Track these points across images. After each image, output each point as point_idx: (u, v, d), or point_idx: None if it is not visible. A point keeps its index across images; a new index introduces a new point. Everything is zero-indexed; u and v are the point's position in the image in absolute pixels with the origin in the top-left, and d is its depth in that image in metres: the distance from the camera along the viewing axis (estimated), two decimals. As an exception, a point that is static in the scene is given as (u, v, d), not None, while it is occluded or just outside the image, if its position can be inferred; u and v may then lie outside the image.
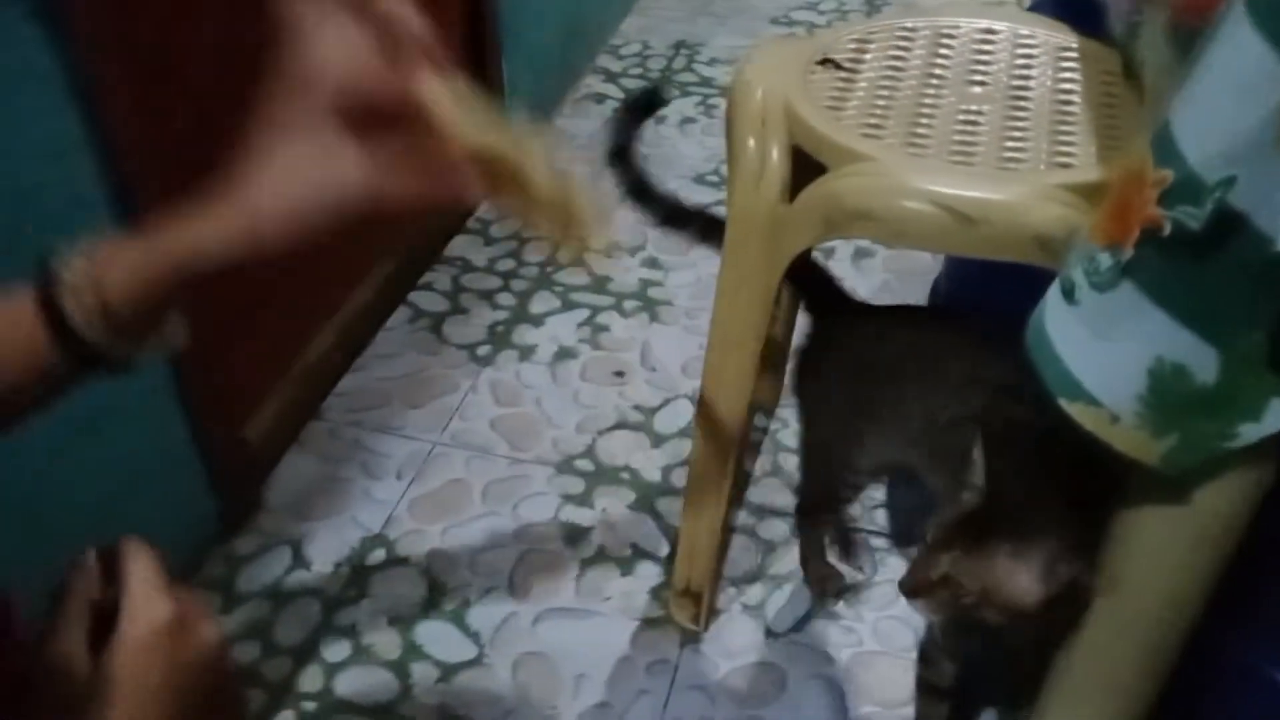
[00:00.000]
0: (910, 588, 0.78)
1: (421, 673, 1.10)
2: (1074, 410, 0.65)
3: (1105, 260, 0.62)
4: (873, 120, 0.89)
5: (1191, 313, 0.61)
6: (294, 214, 0.45)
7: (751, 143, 0.92)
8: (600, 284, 1.63)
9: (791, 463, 1.35)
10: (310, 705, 1.06)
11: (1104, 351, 0.64)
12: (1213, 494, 0.69)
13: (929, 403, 0.94)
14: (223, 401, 1.19)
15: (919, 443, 0.95)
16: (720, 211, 1.03)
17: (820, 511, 1.17)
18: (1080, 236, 0.67)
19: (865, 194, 0.84)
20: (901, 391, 0.96)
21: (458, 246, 1.69)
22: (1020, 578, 0.75)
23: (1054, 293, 0.68)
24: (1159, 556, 0.73)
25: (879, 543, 1.25)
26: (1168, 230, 0.59)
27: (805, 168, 0.91)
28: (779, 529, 1.27)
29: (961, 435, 0.83)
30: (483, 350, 1.50)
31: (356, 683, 1.09)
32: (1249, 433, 0.64)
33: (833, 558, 1.19)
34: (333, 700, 1.07)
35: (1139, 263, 0.61)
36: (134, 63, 0.96)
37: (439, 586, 1.19)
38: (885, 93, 0.93)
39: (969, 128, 0.90)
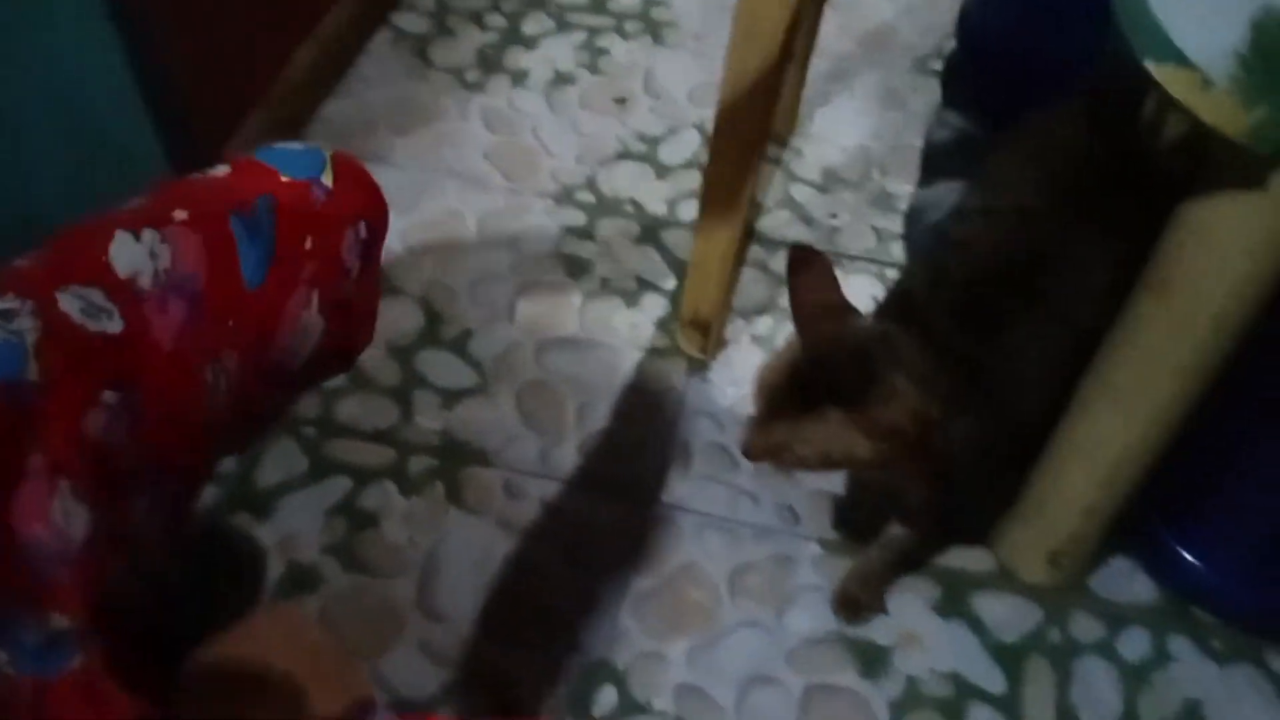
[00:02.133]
0: (748, 455, 0.77)
1: (423, 400, 1.07)
2: (1163, 74, 0.58)
3: (1222, -120, 0.53)
4: None
5: (1315, -53, 0.52)
6: None
7: None
8: (599, 3, 1.49)
9: (804, 194, 1.28)
10: (310, 431, 1.04)
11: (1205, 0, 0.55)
12: (1292, 179, 0.63)
13: None
14: (200, 122, 1.09)
15: None
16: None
17: None
18: None
19: None
20: None
21: (440, -38, 1.53)
22: (849, 435, 0.72)
23: (1150, -68, 0.58)
24: (1220, 250, 0.67)
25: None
26: None
27: None
28: (790, 262, 1.21)
29: None
30: (472, 75, 1.39)
31: (356, 409, 1.06)
32: (1351, 102, 0.57)
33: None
34: (333, 426, 1.04)
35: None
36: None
37: (437, 316, 1.14)
38: None
39: None
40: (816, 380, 0.73)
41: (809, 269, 0.77)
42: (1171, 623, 0.94)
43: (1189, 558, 0.91)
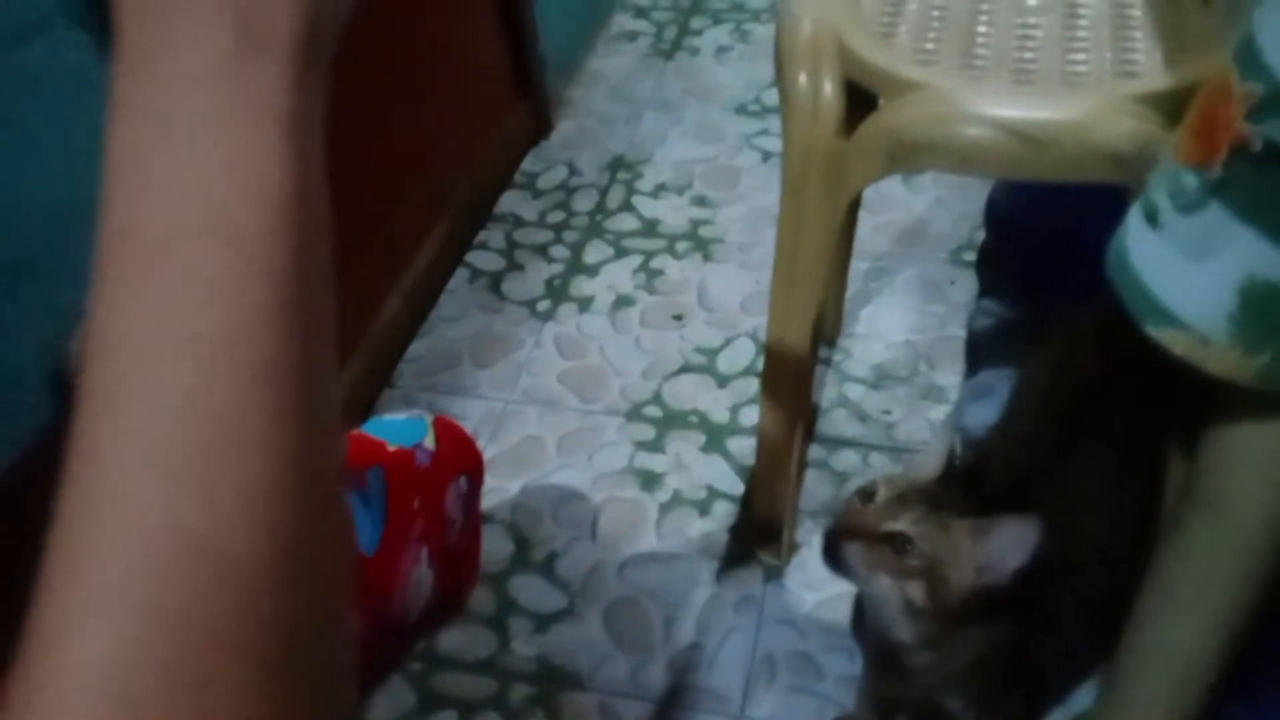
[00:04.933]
0: (846, 530, 0.77)
1: (518, 626, 1.14)
2: (1162, 336, 0.65)
3: (1191, 181, 0.61)
4: (927, 44, 0.87)
5: (1283, 228, 0.59)
6: None
7: (803, 79, 0.90)
8: (650, 227, 1.63)
9: (857, 392, 1.36)
10: (416, 665, 1.11)
11: (1192, 274, 0.63)
12: (1308, 405, 0.68)
13: None
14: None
15: None
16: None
17: None
18: (1163, 157, 0.65)
19: (926, 125, 0.82)
20: None
21: (507, 202, 1.69)
22: (971, 558, 0.75)
23: (1135, 217, 0.66)
24: (1256, 472, 0.72)
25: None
26: (1258, 147, 0.57)
27: (862, 98, 0.89)
28: (850, 459, 1.28)
29: None
30: (542, 305, 1.51)
31: (457, 640, 1.13)
32: (1345, 342, 0.63)
33: None
34: (437, 658, 1.11)
35: (1228, 181, 0.59)
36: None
37: (525, 541, 1.22)
38: (937, 13, 0.91)
39: (1026, 43, 0.87)
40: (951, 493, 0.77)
41: None
42: (1277, 817, 0.93)
43: (1282, 748, 0.91)
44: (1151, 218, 0.64)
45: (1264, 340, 0.63)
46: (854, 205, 1.33)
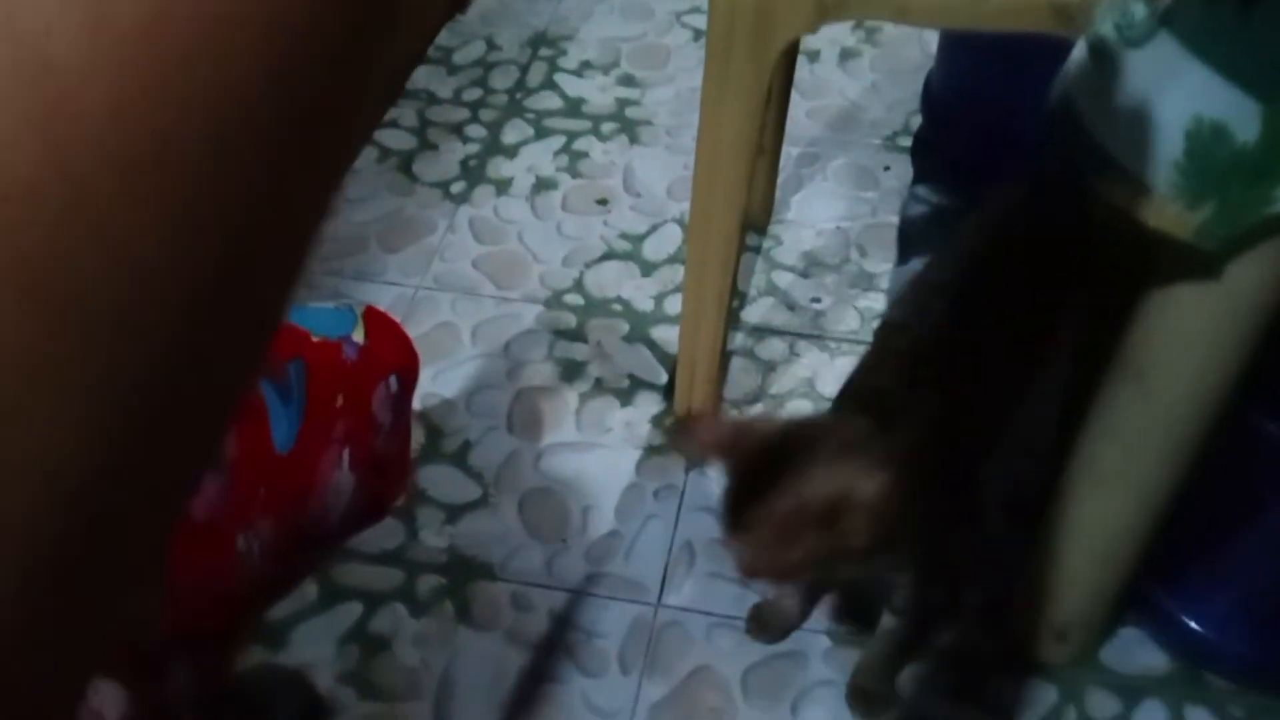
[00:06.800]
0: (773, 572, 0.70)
1: (427, 517, 1.09)
2: (1103, 185, 0.60)
3: (1140, 10, 0.56)
4: (865, -117, 0.80)
5: (1234, 64, 0.55)
6: None
7: (730, -79, 0.83)
8: (574, 107, 1.54)
9: (785, 280, 1.31)
10: (319, 556, 1.05)
11: (1137, 114, 0.58)
12: (1246, 269, 0.65)
13: None
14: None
15: None
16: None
17: None
18: (1110, -13, 0.60)
19: (861, -33, 0.75)
20: None
21: (419, 78, 1.58)
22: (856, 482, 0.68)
23: (1080, 55, 0.61)
24: (1188, 339, 0.70)
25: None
26: (1214, -33, 0.52)
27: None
28: (777, 348, 1.24)
29: None
30: (457, 187, 1.43)
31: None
32: (1290, 196, 0.59)
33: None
34: (340, 552, 1.06)
35: (1178, 10, 0.54)
36: None
37: (437, 430, 1.16)
38: None
39: (972, -116, 0.80)
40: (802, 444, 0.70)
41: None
42: (1187, 691, 0.94)
43: (1194, 625, 0.91)
44: (1098, 52, 0.59)
45: (1206, 192, 0.59)
46: (786, 81, 1.27)
